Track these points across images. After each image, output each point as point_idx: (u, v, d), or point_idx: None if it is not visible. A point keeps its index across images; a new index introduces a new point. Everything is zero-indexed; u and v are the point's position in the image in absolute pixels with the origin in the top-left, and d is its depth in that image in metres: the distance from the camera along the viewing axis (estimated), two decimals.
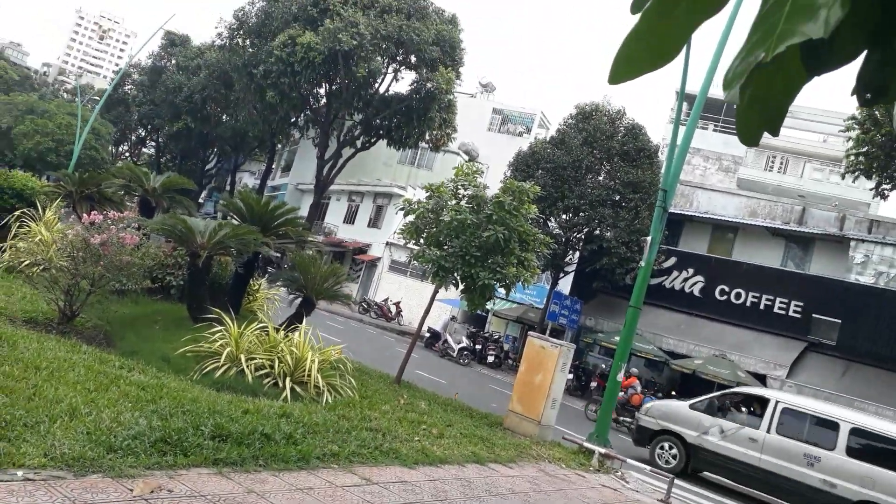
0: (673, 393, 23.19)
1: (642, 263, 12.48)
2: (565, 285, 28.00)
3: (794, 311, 23.57)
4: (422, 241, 13.62)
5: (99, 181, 15.18)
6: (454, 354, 24.99)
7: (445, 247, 13.08)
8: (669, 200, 12.56)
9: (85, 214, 10.62)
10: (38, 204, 13.99)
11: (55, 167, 31.86)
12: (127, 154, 57.42)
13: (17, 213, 13.47)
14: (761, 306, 24.19)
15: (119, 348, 9.27)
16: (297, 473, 5.97)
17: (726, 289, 24.96)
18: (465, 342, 25.89)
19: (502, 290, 13.72)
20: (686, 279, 25.87)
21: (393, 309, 32.77)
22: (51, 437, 4.95)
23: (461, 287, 13.36)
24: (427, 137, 37.90)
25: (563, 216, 25.71)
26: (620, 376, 11.77)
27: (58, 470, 4.56)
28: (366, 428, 8.05)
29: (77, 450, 4.86)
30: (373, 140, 38.42)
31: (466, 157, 38.85)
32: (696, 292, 25.57)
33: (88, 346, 8.45)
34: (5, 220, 13.35)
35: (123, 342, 9.59)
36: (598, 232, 25.33)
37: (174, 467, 5.26)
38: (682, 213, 26.48)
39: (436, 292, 14.30)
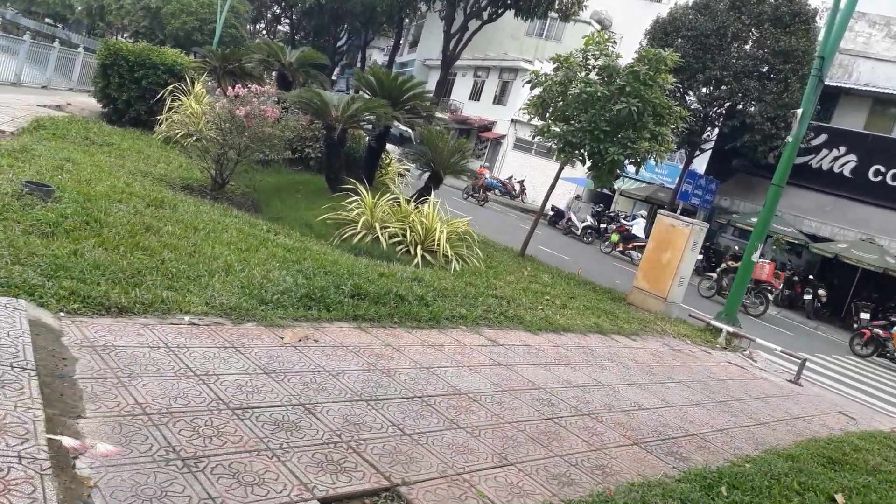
0: (810, 277, 22.04)
1: (789, 139, 11.60)
2: (700, 164, 26.64)
3: None
4: (548, 115, 13.25)
5: (240, 56, 15.79)
6: (578, 232, 24.86)
7: (573, 121, 12.69)
8: (826, 69, 11.42)
9: (229, 88, 11.16)
10: (188, 78, 14.81)
11: (200, 44, 33.28)
12: (263, 31, 58.72)
13: (169, 87, 14.35)
14: None
15: (265, 214, 9.97)
16: (428, 332, 6.35)
17: (882, 169, 22.82)
18: (589, 220, 25.63)
19: (631, 169, 13.27)
20: (836, 158, 23.84)
21: (517, 187, 32.69)
22: (210, 289, 5.52)
23: (588, 164, 13.04)
24: (556, 6, 35.94)
25: (703, 89, 24.03)
26: (756, 256, 11.32)
27: (217, 317, 5.11)
28: (491, 295, 8.35)
29: (233, 301, 5.40)
30: (500, 11, 36.95)
31: (598, 27, 36.70)
32: (847, 172, 23.59)
33: (238, 211, 9.16)
34: (160, 95, 14.28)
35: (269, 209, 10.27)
36: (741, 107, 23.56)
37: (318, 320, 5.75)
38: (839, 85, 23.98)
39: (561, 169, 14.08)
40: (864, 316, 19.66)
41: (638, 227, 22.26)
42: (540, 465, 4.18)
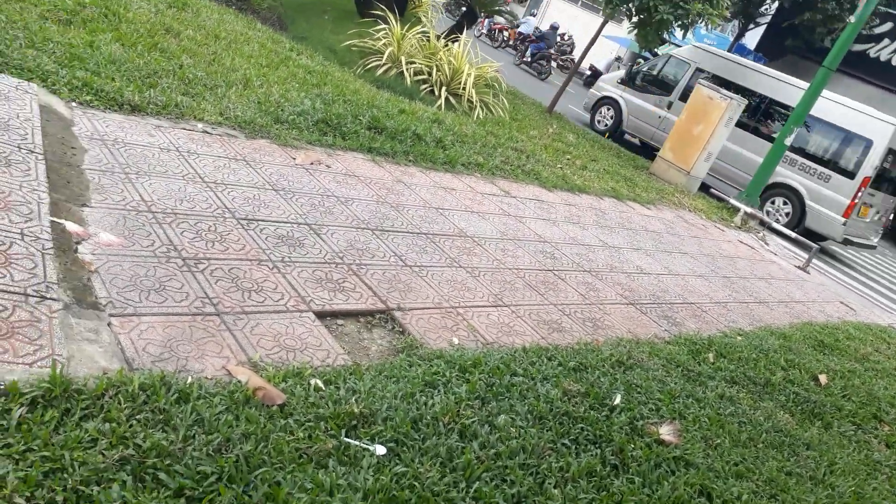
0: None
1: (852, 19, 10.83)
2: (751, 40, 25.18)
3: None
4: None
5: None
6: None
7: None
8: None
9: None
10: None
11: None
12: None
13: None
14: None
15: (290, 32, 9.60)
16: (442, 174, 6.28)
17: None
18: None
19: (679, 33, 12.50)
20: None
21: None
22: (226, 100, 5.41)
23: (634, 20, 12.30)
24: None
25: None
26: (789, 140, 10.93)
27: (231, 129, 5.04)
28: (511, 147, 8.19)
29: (249, 115, 5.31)
30: None
31: None
32: None
33: (263, 26, 8.82)
34: None
35: (294, 27, 9.87)
36: None
37: (333, 147, 5.67)
38: None
39: (604, 24, 13.32)
40: None
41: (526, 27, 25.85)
42: (533, 310, 4.26)
